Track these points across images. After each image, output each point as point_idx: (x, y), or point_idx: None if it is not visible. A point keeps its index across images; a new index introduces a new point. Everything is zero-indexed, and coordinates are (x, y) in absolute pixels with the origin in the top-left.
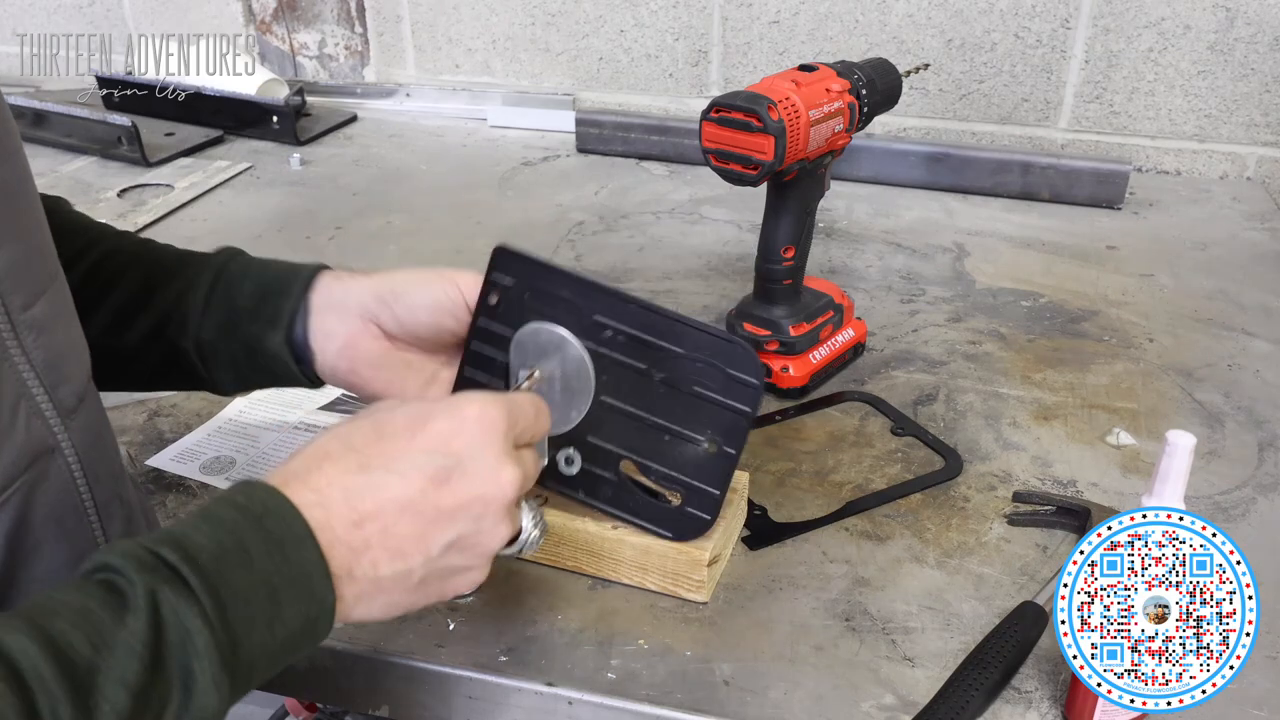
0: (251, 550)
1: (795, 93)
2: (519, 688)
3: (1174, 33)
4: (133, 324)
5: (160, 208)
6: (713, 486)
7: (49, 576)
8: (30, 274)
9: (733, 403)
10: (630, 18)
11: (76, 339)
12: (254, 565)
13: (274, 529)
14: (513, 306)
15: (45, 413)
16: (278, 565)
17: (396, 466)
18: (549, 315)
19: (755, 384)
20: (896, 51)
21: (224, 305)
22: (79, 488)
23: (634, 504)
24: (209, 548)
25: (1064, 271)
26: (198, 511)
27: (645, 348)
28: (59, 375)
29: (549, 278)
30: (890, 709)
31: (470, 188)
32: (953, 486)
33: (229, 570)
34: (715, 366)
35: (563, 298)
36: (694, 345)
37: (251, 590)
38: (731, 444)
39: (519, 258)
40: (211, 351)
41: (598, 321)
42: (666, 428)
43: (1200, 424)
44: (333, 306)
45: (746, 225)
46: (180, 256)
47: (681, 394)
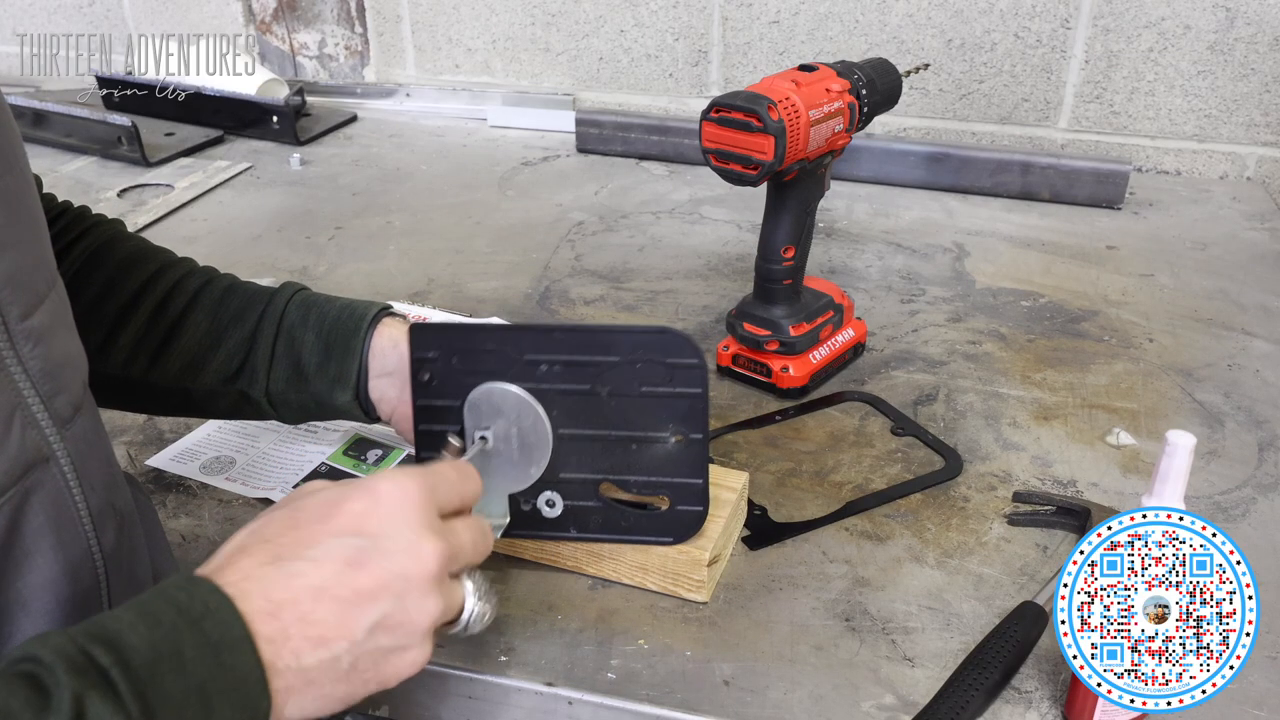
0: (186, 654)
1: (795, 93)
2: (519, 688)
3: (1174, 33)
4: (203, 371)
5: (160, 208)
6: (693, 477)
7: (42, 585)
8: (29, 284)
9: (682, 389)
10: (630, 18)
11: (74, 348)
12: (187, 671)
13: (212, 632)
14: (447, 377)
15: (41, 422)
16: (212, 671)
17: (309, 553)
18: (484, 372)
19: (696, 363)
20: (896, 51)
21: (289, 358)
22: (74, 496)
23: (626, 523)
24: (143, 650)
25: (1064, 271)
26: (137, 604)
27: (583, 368)
28: (55, 385)
29: (468, 337)
30: (890, 709)
31: (470, 188)
32: (953, 486)
33: (162, 676)
34: (653, 361)
35: (489, 350)
36: (626, 348)
37: (184, 698)
38: (696, 429)
39: (434, 329)
40: (283, 401)
41: (530, 360)
42: (630, 437)
43: (1200, 424)
44: (387, 373)
45: (746, 225)
46: (244, 299)
47: (632, 399)
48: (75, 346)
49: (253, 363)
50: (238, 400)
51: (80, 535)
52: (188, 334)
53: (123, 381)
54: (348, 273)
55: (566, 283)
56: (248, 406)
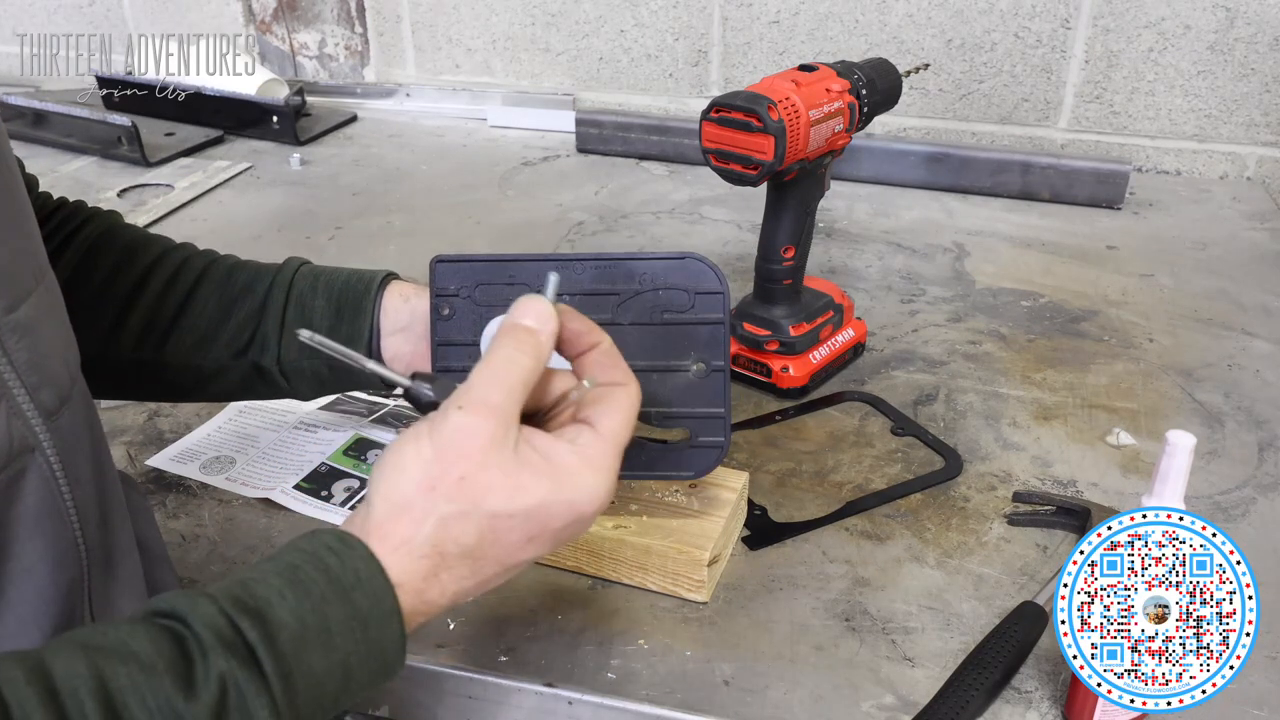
0: (334, 629)
1: (795, 93)
2: (519, 688)
3: (1174, 33)
4: (213, 346)
5: (160, 208)
6: (715, 407)
7: (22, 572)
8: (15, 276)
9: (704, 315)
10: (630, 18)
11: (63, 340)
12: (334, 646)
13: (361, 603)
14: (466, 311)
15: (26, 413)
16: (357, 645)
17: (510, 562)
18: (504, 305)
19: (720, 290)
20: (896, 51)
21: (300, 325)
22: (60, 488)
23: (646, 459)
24: (291, 626)
25: (1064, 271)
26: (285, 567)
27: (605, 298)
28: (41, 376)
29: (490, 270)
30: (890, 709)
31: (470, 188)
32: (953, 486)
33: (307, 653)
34: (675, 288)
35: (510, 283)
36: (649, 276)
37: (327, 672)
38: (717, 357)
39: (456, 261)
40: (295, 370)
41: None
42: (650, 367)
43: (1200, 424)
44: (400, 329)
45: (746, 225)
46: (251, 273)
47: (654, 328)
48: (65, 340)
49: (263, 332)
50: (250, 375)
51: (66, 526)
52: (196, 310)
53: (134, 365)
54: None
55: None
56: (261, 382)
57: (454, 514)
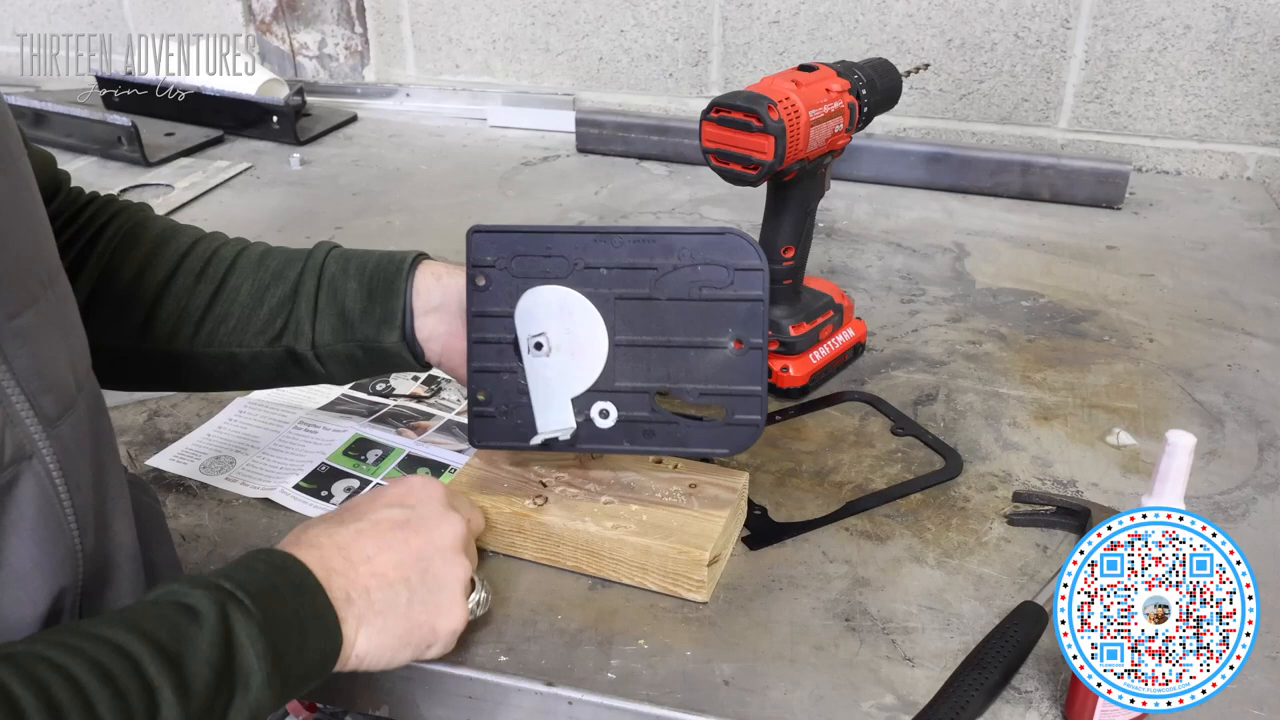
0: (282, 591)
1: (795, 93)
2: (519, 688)
3: (1174, 33)
4: (246, 334)
5: (160, 208)
6: (752, 384)
7: (17, 577)
8: (18, 284)
9: (743, 292)
10: (630, 18)
11: (71, 346)
12: (286, 602)
13: (293, 578)
14: (502, 283)
15: (24, 420)
16: (301, 605)
17: (368, 517)
18: (540, 277)
19: (759, 266)
20: (896, 51)
21: (333, 308)
22: (60, 495)
23: (681, 435)
24: (253, 583)
25: (1064, 271)
26: (231, 563)
27: (642, 273)
28: (42, 384)
29: (528, 241)
30: (890, 709)
31: (470, 188)
32: (953, 486)
33: (270, 603)
34: (714, 264)
35: (547, 255)
36: (688, 251)
37: (287, 621)
38: (755, 334)
39: (494, 232)
40: (330, 353)
41: (589, 265)
42: (688, 343)
43: (1200, 424)
44: (433, 308)
45: (746, 225)
46: (281, 260)
47: (691, 303)
48: (73, 346)
49: (297, 316)
50: (285, 360)
51: (64, 533)
52: (229, 297)
53: (166, 359)
54: None
55: None
56: (295, 367)
57: (322, 515)
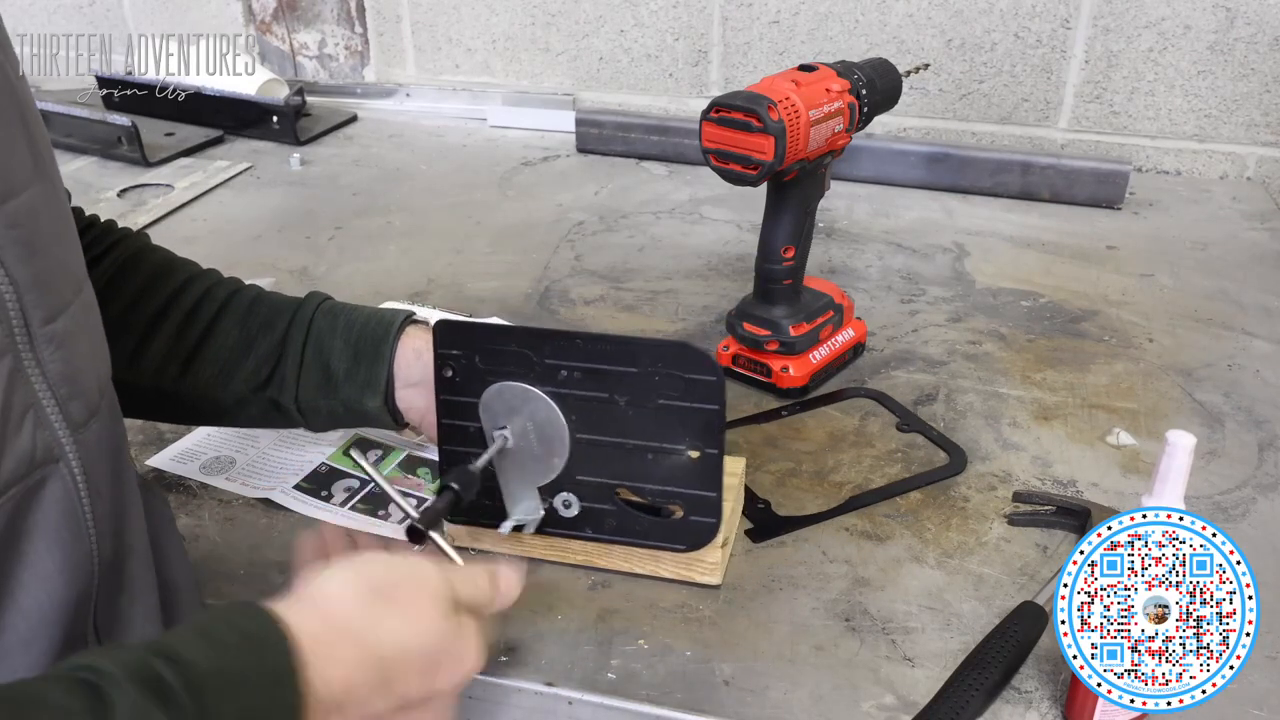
0: (248, 678)
1: (795, 93)
2: (519, 688)
3: (1174, 33)
4: (232, 380)
5: (160, 208)
6: (707, 490)
7: (37, 581)
8: (55, 289)
9: (699, 404)
10: (630, 18)
11: (96, 353)
12: (243, 693)
13: (268, 658)
14: (469, 374)
15: (54, 423)
16: (267, 697)
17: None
18: (505, 373)
19: (714, 379)
20: (896, 51)
21: (318, 365)
22: (81, 499)
23: (640, 528)
24: (202, 666)
25: (1064, 271)
26: (199, 625)
27: (603, 376)
28: (73, 388)
29: (493, 338)
30: (890, 709)
31: (470, 188)
32: (953, 486)
33: (218, 697)
34: (672, 374)
35: (511, 352)
36: (646, 359)
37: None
38: (711, 444)
39: (460, 327)
40: (312, 408)
41: (551, 365)
42: (646, 446)
43: (1200, 424)
44: (413, 383)
45: (746, 225)
46: (271, 308)
47: (649, 410)
48: (99, 353)
49: (283, 370)
50: (267, 408)
51: (83, 538)
52: (217, 341)
53: (153, 392)
54: (348, 273)
55: (566, 283)
56: (277, 414)
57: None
